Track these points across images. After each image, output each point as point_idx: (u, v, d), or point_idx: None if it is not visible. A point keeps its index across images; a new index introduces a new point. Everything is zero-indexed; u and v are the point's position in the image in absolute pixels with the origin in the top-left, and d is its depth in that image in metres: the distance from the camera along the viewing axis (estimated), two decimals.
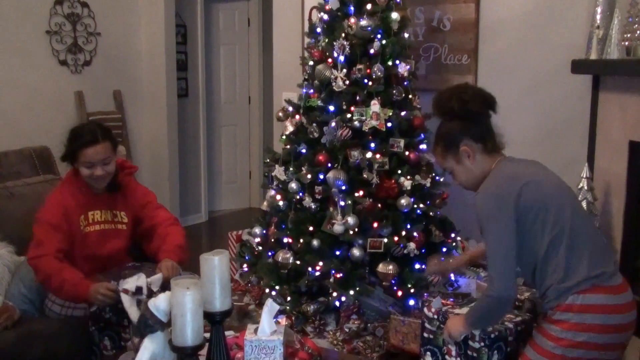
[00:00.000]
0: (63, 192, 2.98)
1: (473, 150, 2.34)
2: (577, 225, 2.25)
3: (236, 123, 7.35)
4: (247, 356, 2.10)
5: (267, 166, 4.17)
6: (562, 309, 2.18)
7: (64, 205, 2.91)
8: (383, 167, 3.71)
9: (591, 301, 2.16)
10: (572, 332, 2.15)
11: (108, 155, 2.92)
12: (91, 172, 2.90)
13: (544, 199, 2.25)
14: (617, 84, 3.59)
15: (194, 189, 6.73)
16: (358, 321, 3.62)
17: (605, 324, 2.15)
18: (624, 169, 3.47)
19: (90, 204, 2.98)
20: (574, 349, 2.15)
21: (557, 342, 2.18)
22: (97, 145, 2.89)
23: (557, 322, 2.20)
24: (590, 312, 2.15)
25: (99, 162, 2.89)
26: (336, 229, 3.62)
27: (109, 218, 3.03)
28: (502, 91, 4.39)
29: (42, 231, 2.87)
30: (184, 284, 1.83)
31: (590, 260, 2.20)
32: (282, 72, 5.33)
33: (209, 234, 6.51)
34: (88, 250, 2.95)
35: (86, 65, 5.49)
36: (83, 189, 2.97)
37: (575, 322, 2.15)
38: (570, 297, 2.17)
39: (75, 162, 2.93)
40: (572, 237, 2.21)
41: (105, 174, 2.93)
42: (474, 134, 2.34)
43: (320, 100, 3.89)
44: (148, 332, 1.98)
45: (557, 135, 4.22)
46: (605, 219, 3.66)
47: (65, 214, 2.90)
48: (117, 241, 3.04)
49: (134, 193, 3.15)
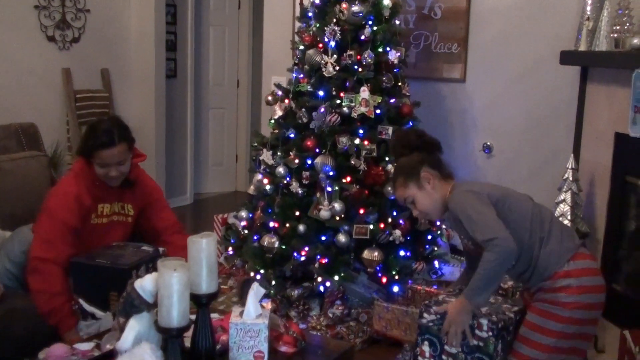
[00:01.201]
0: (78, 185, 2.89)
1: (432, 176, 2.58)
2: (544, 210, 2.56)
3: (224, 106, 7.31)
4: (232, 339, 2.11)
5: (254, 150, 4.17)
6: (561, 275, 2.36)
7: (81, 201, 2.86)
8: (371, 153, 3.72)
9: (583, 265, 2.39)
10: (578, 295, 2.34)
11: (124, 157, 2.89)
12: (105, 172, 2.86)
13: (506, 194, 2.54)
14: (605, 75, 3.61)
15: (180, 171, 6.70)
16: (342, 307, 3.64)
17: (596, 284, 2.40)
18: (609, 160, 3.50)
19: (102, 197, 2.94)
20: (581, 310, 2.34)
21: (565, 306, 2.34)
22: (113, 148, 2.82)
23: (560, 289, 2.35)
24: (585, 275, 2.38)
25: (114, 163, 2.86)
26: (322, 215, 3.63)
27: (116, 210, 3.01)
28: (491, 80, 4.44)
29: (55, 229, 2.80)
30: (171, 265, 1.83)
31: (565, 234, 2.49)
32: (272, 56, 5.30)
33: (194, 217, 6.49)
34: (92, 239, 2.93)
35: (74, 42, 5.43)
36: (97, 182, 2.91)
37: (577, 285, 2.35)
38: (564, 265, 2.37)
39: (91, 159, 2.87)
40: (546, 217, 2.50)
41: (120, 174, 2.90)
42: (431, 162, 2.60)
43: (309, 85, 3.88)
44: (134, 313, 1.98)
45: (544, 125, 4.24)
46: (590, 209, 3.70)
47: (79, 209, 2.85)
48: (120, 232, 3.02)
49: (144, 187, 3.12)
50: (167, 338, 1.89)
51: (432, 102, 4.54)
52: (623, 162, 3.41)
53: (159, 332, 1.90)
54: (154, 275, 1.97)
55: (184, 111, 6.66)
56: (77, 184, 2.89)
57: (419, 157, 2.60)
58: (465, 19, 4.43)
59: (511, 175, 4.41)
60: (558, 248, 2.41)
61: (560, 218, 3.54)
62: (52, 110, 5.29)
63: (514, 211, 2.46)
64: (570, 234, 2.53)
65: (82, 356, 2.12)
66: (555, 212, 3.57)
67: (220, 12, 7.09)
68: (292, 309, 3.72)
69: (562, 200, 3.55)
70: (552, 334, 2.33)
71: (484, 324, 2.42)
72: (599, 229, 3.62)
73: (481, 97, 4.49)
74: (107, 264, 2.69)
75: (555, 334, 2.33)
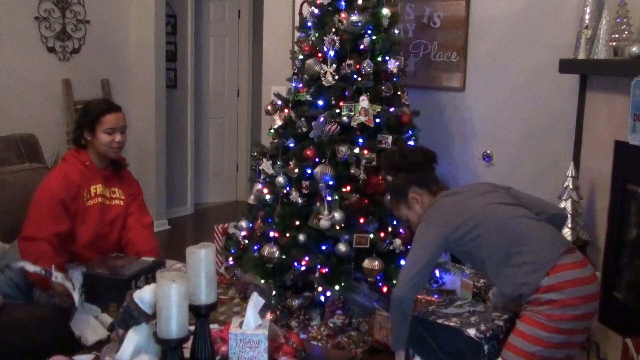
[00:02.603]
0: (66, 166, 3.05)
1: (420, 196, 2.64)
2: (518, 225, 2.50)
3: (224, 115, 7.32)
4: (232, 350, 2.10)
5: (254, 159, 4.17)
6: (543, 290, 2.34)
7: (68, 177, 2.98)
8: (370, 163, 3.72)
9: (564, 277, 2.35)
10: (561, 308, 2.32)
11: (125, 124, 3.09)
12: (112, 138, 3.01)
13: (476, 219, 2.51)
14: (604, 83, 3.61)
15: (181, 181, 6.70)
16: (343, 316, 3.63)
17: (582, 295, 2.35)
18: (609, 168, 3.49)
19: (92, 177, 3.06)
20: (568, 322, 2.33)
21: (551, 318, 2.32)
22: (118, 112, 3.06)
23: (544, 303, 2.33)
24: (568, 288, 2.35)
25: (119, 128, 3.03)
26: (322, 224, 3.63)
27: (107, 194, 3.12)
28: (491, 89, 4.44)
29: (41, 207, 2.91)
30: (170, 276, 1.83)
31: (546, 245, 2.44)
32: (272, 66, 5.32)
33: (194, 227, 6.49)
34: (90, 223, 3.01)
35: (74, 53, 5.45)
36: (87, 163, 3.05)
37: (559, 299, 2.33)
38: (543, 280, 2.35)
39: (94, 130, 3.01)
40: (523, 231, 2.47)
41: (123, 141, 3.07)
42: (418, 182, 2.65)
43: (309, 94, 3.89)
44: (132, 324, 1.97)
45: (544, 133, 4.24)
46: (590, 217, 3.69)
47: (68, 185, 2.96)
48: (114, 214, 3.12)
49: (130, 180, 3.28)
50: (166, 349, 1.89)
51: (431, 111, 4.54)
52: (623, 170, 3.40)
53: (158, 343, 1.89)
54: (152, 287, 1.97)
55: (184, 121, 6.67)
56: (65, 167, 3.04)
57: (405, 178, 2.65)
58: (464, 28, 4.44)
59: (511, 183, 4.36)
60: (532, 266, 2.39)
61: None
62: (52, 121, 5.29)
63: (478, 235, 2.48)
64: (550, 246, 2.44)
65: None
66: None
67: (220, 22, 7.12)
68: (293, 319, 3.71)
69: (563, 209, 3.55)
70: (540, 343, 2.32)
71: (471, 334, 2.41)
72: (599, 237, 3.61)
73: (481, 106, 4.49)
74: (106, 274, 2.69)
75: (544, 343, 2.32)
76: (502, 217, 2.52)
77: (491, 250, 2.46)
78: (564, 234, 3.51)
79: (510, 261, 2.42)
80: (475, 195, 2.68)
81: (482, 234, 2.47)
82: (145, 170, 5.80)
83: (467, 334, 2.41)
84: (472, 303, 2.84)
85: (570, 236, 3.50)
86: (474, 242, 2.47)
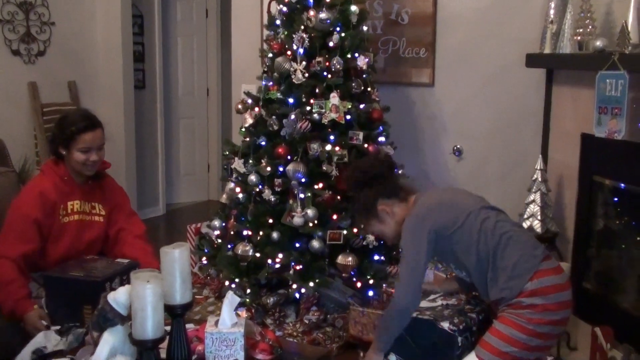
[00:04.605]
0: (43, 180, 2.92)
1: (390, 206, 2.57)
2: (502, 229, 2.48)
3: (194, 115, 7.28)
4: (208, 348, 2.10)
5: (226, 159, 4.16)
6: (526, 294, 2.35)
7: (44, 194, 2.85)
8: (342, 159, 3.73)
9: (547, 282, 2.37)
10: (541, 313, 2.34)
11: (103, 142, 2.95)
12: (86, 157, 2.87)
13: (465, 216, 2.48)
14: (570, 77, 3.68)
15: (152, 182, 6.65)
16: (318, 312, 3.65)
17: (560, 300, 2.38)
18: (576, 161, 3.56)
19: (70, 193, 2.93)
20: (545, 326, 2.34)
21: (530, 321, 2.33)
22: (95, 131, 2.90)
23: (525, 307, 2.35)
24: (551, 293, 2.36)
25: (95, 147, 2.89)
26: (296, 221, 3.63)
27: (87, 209, 2.99)
28: (459, 84, 4.49)
29: (12, 225, 2.81)
30: (144, 277, 1.82)
31: (526, 250, 2.43)
32: (241, 64, 5.30)
33: (167, 227, 6.45)
34: (64, 240, 2.90)
35: (40, 56, 5.38)
36: (65, 178, 2.92)
37: (541, 304, 2.34)
38: (527, 284, 2.35)
39: (68, 147, 2.87)
40: (503, 239, 2.44)
41: (99, 159, 2.93)
42: (384, 193, 2.58)
43: (279, 92, 3.89)
44: (108, 326, 1.96)
45: (513, 127, 4.30)
46: (558, 209, 3.75)
47: (43, 204, 2.84)
48: (93, 233, 3.00)
49: (112, 189, 3.14)
50: (142, 350, 1.88)
51: (401, 107, 4.58)
52: (590, 162, 3.47)
53: (134, 344, 1.89)
54: (127, 288, 1.96)
55: (154, 122, 6.62)
56: (42, 181, 2.92)
57: (370, 192, 2.58)
58: (432, 24, 4.48)
59: (481, 177, 4.46)
60: (516, 270, 2.39)
61: (530, 219, 3.59)
62: (19, 125, 5.22)
63: (458, 241, 2.46)
64: (530, 251, 2.45)
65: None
66: (525, 213, 3.62)
67: (188, 22, 7.07)
68: (268, 316, 3.71)
69: (532, 201, 3.60)
70: (516, 344, 2.33)
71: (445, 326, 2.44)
72: (568, 228, 3.67)
73: (450, 101, 4.54)
74: (80, 276, 2.66)
75: (520, 344, 2.32)
76: (488, 219, 2.51)
77: (475, 250, 2.43)
78: (534, 226, 3.57)
79: (495, 264, 2.41)
80: (460, 194, 2.71)
81: (470, 232, 2.44)
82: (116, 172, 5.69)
83: (441, 326, 2.44)
84: (445, 297, 2.87)
85: (540, 228, 3.56)
86: (461, 240, 2.44)
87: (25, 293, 2.73)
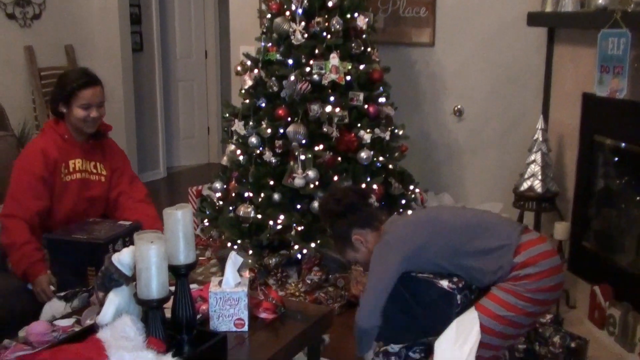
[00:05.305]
0: (44, 139, 2.92)
1: (364, 236, 2.58)
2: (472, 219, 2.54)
3: (193, 78, 7.23)
4: (212, 308, 2.13)
5: (226, 121, 4.15)
6: (518, 267, 2.36)
7: (45, 152, 2.86)
8: (343, 120, 3.73)
9: (534, 252, 2.39)
10: (538, 281, 2.35)
11: (103, 99, 2.93)
12: (87, 113, 2.86)
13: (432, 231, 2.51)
14: (571, 36, 3.65)
15: (152, 145, 6.64)
16: (319, 273, 3.68)
17: (552, 266, 2.40)
18: (577, 120, 3.55)
19: (71, 151, 2.93)
20: (541, 293, 2.36)
21: (527, 290, 2.35)
22: (95, 87, 2.89)
23: (522, 277, 2.35)
24: (541, 260, 2.37)
25: (95, 104, 2.88)
26: (297, 183, 3.64)
27: (89, 168, 2.99)
28: (460, 44, 4.46)
29: (21, 184, 2.82)
30: (148, 238, 1.83)
31: (502, 234, 2.45)
32: (240, 25, 5.25)
33: (168, 190, 6.46)
34: (67, 199, 2.91)
35: (35, 19, 5.31)
36: (66, 136, 2.91)
37: (535, 272, 2.35)
38: (515, 259, 2.37)
39: (69, 104, 2.86)
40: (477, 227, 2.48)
41: (99, 116, 2.92)
42: (358, 223, 2.58)
43: (278, 53, 3.86)
44: (113, 287, 1.98)
45: (513, 87, 4.28)
46: (559, 169, 3.76)
47: (46, 161, 2.84)
48: (95, 191, 3.00)
49: (114, 151, 3.13)
50: (147, 310, 1.90)
51: (402, 67, 4.55)
52: (591, 122, 3.46)
53: (139, 304, 1.91)
54: (131, 249, 1.97)
55: (152, 85, 6.59)
56: (43, 140, 2.92)
57: (344, 222, 2.59)
58: None
59: (482, 137, 4.46)
60: (500, 250, 2.41)
61: (531, 179, 3.60)
62: (17, 89, 5.19)
63: (437, 240, 2.47)
64: (508, 228, 2.48)
65: (63, 332, 2.12)
66: (525, 173, 3.63)
67: None
68: (270, 277, 3.74)
69: (533, 161, 3.61)
70: (514, 310, 2.34)
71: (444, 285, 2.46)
72: (568, 188, 3.69)
73: (450, 61, 4.51)
74: (83, 239, 2.67)
75: (518, 310, 2.34)
76: (454, 216, 2.57)
77: (454, 249, 2.46)
78: (534, 186, 3.59)
79: (478, 254, 2.43)
80: (422, 211, 2.78)
81: (441, 237, 2.47)
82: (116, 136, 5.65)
83: (440, 285, 2.46)
84: None
85: (540, 188, 3.57)
86: (434, 248, 2.46)
87: (40, 256, 2.74)
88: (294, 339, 2.19)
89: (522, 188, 3.64)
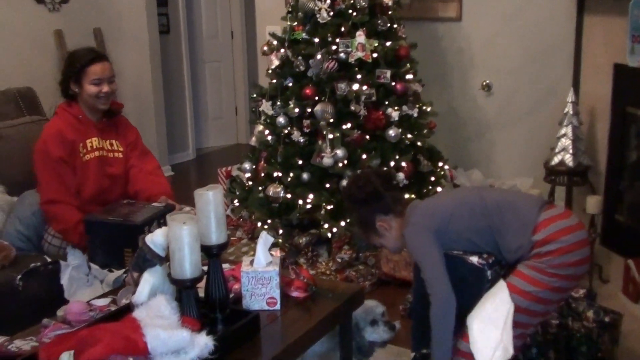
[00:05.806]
0: (58, 122, 2.97)
1: (388, 222, 2.57)
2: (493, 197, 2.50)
3: (220, 59, 7.25)
4: (245, 287, 2.15)
5: (253, 101, 4.16)
6: (539, 245, 2.34)
7: (62, 133, 2.92)
8: (370, 98, 3.72)
9: (552, 230, 2.36)
10: (560, 256, 2.32)
11: (113, 74, 2.97)
12: (99, 89, 2.91)
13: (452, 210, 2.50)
14: (602, 6, 3.58)
15: (181, 127, 6.70)
16: (350, 251, 3.70)
17: (575, 240, 2.36)
18: (608, 92, 3.50)
19: (87, 131, 2.99)
20: (566, 268, 2.33)
21: (550, 266, 2.33)
22: (103, 62, 2.94)
23: (544, 254, 2.33)
24: (561, 236, 2.34)
25: (106, 78, 2.93)
26: (325, 162, 3.65)
27: (105, 146, 3.05)
28: (487, 17, 4.40)
29: (48, 170, 2.89)
30: (180, 218, 1.86)
31: (521, 209, 2.44)
32: (265, 5, 5.24)
33: (197, 172, 6.52)
34: (89, 178, 2.97)
35: (64, 3, 5.35)
36: (80, 117, 2.97)
37: (557, 247, 2.33)
38: (534, 237, 2.35)
39: (80, 82, 2.91)
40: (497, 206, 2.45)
41: (111, 91, 2.96)
42: (381, 210, 2.56)
43: (304, 32, 3.85)
44: (147, 267, 2.01)
45: (542, 59, 4.22)
46: (591, 142, 3.71)
47: (64, 143, 2.91)
48: (115, 168, 3.06)
49: (127, 128, 3.18)
50: (181, 289, 1.94)
51: (428, 43, 4.51)
52: (623, 93, 3.41)
53: (173, 284, 1.94)
54: (164, 230, 2.00)
55: (179, 67, 6.62)
56: (58, 123, 2.97)
57: (368, 210, 2.58)
58: None
59: (511, 112, 4.41)
60: (520, 230, 2.39)
61: (562, 152, 3.56)
62: (48, 73, 5.23)
63: (458, 230, 2.47)
64: (528, 206, 2.45)
65: (100, 311, 2.17)
66: (556, 147, 3.59)
67: None
68: (301, 256, 3.77)
69: (564, 135, 3.56)
70: (539, 284, 2.33)
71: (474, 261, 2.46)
72: (600, 161, 3.64)
73: (478, 35, 4.45)
74: (119, 221, 2.72)
75: (543, 285, 2.32)
76: (474, 196, 2.55)
77: (477, 229, 2.45)
78: (565, 160, 3.55)
79: (497, 233, 2.42)
80: (442, 193, 2.70)
81: (463, 217, 2.46)
82: (145, 118, 5.78)
83: (470, 261, 2.46)
84: None
85: (572, 162, 3.53)
86: (460, 221, 2.46)
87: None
88: (326, 317, 2.21)
89: (553, 162, 3.60)
